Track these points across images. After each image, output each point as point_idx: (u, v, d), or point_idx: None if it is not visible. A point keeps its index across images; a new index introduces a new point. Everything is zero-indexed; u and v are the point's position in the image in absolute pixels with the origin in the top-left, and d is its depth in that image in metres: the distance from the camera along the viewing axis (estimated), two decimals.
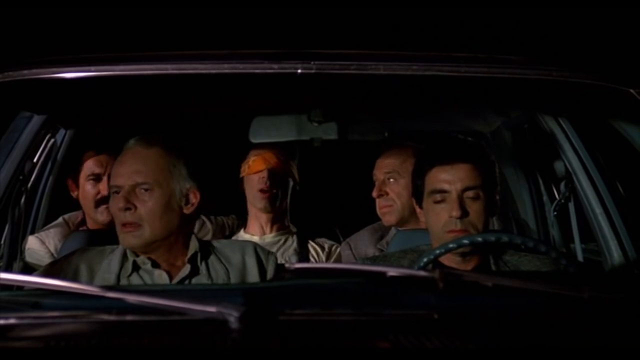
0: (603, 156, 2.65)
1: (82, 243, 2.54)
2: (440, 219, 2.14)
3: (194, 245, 2.20)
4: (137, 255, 2.17)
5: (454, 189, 2.13)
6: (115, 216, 2.17)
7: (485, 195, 2.15)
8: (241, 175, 3.02)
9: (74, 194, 2.95)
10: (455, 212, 2.10)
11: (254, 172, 2.94)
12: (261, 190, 2.93)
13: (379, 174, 2.87)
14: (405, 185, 2.69)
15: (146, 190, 2.13)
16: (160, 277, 2.15)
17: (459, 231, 2.11)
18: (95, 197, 2.86)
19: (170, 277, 2.16)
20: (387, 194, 2.84)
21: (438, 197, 2.15)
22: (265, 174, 2.93)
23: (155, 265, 2.16)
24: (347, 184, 3.54)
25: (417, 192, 2.24)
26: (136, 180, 2.14)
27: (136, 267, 2.16)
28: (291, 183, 3.01)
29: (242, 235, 3.03)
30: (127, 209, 2.11)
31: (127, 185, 2.13)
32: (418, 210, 2.27)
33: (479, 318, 1.45)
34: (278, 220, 3.01)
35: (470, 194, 2.13)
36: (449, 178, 2.14)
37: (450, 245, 2.01)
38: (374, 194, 2.85)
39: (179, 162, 2.19)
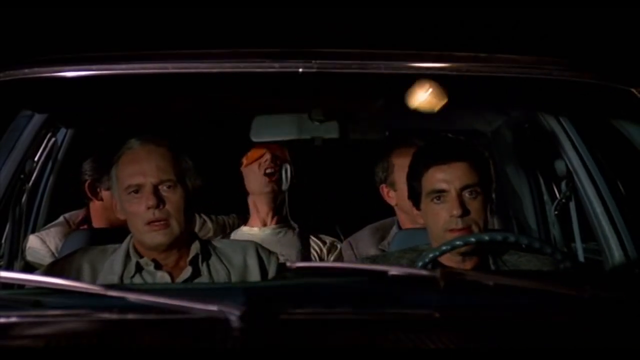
0: (604, 155, 2.65)
1: (82, 242, 2.53)
2: (440, 219, 2.14)
3: (195, 246, 2.20)
4: (141, 257, 2.16)
5: (452, 187, 2.12)
6: (135, 215, 2.13)
7: (483, 193, 2.15)
8: (242, 171, 3.01)
9: (93, 201, 2.91)
10: (456, 211, 2.10)
11: (256, 158, 2.96)
12: (267, 174, 2.96)
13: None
14: None
15: (169, 187, 2.13)
16: (163, 278, 2.14)
17: (461, 230, 2.10)
18: None
19: (172, 279, 2.15)
20: None
21: (437, 197, 2.15)
22: (268, 156, 2.97)
23: (157, 266, 2.16)
24: (348, 182, 3.54)
25: (414, 194, 2.23)
26: (161, 177, 2.13)
27: (139, 268, 2.16)
28: (289, 169, 3.01)
29: (242, 228, 3.03)
30: (156, 206, 2.10)
31: (150, 183, 2.12)
32: (415, 212, 2.27)
33: (480, 317, 1.45)
34: (278, 211, 3.02)
35: (469, 192, 2.13)
36: (447, 177, 2.13)
37: (457, 242, 2.01)
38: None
39: (187, 159, 2.21)
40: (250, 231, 2.98)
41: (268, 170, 2.96)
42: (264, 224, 3.00)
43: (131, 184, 2.14)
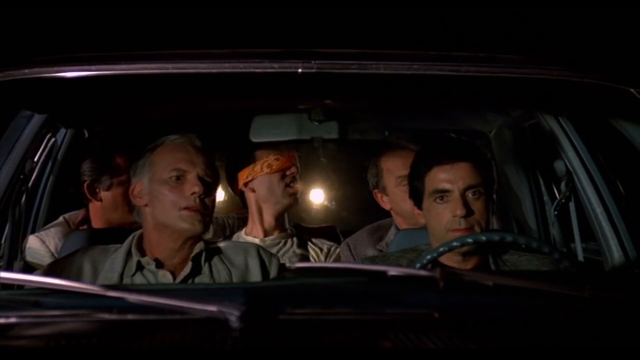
0: (603, 155, 2.65)
1: (82, 242, 2.54)
2: (442, 219, 2.14)
3: (199, 245, 2.20)
4: (142, 255, 2.18)
5: (456, 187, 2.12)
6: (170, 200, 2.16)
7: (486, 193, 2.15)
8: (254, 177, 2.94)
9: (92, 202, 2.89)
10: (460, 211, 2.10)
11: (283, 168, 2.91)
12: (290, 186, 2.92)
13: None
14: None
15: (207, 182, 2.19)
16: (164, 276, 2.15)
17: (464, 230, 2.10)
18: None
19: (174, 277, 2.16)
20: None
21: (440, 197, 2.15)
22: (294, 169, 2.93)
23: (159, 264, 2.17)
24: (347, 183, 3.54)
25: (416, 193, 2.23)
26: (207, 171, 2.20)
27: (140, 267, 2.16)
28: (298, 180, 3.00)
29: (243, 237, 3.01)
30: (200, 194, 2.15)
31: (197, 173, 2.18)
32: (417, 211, 2.26)
33: (480, 317, 1.45)
34: (279, 222, 3.00)
35: (472, 192, 2.13)
36: (450, 177, 2.13)
37: (454, 244, 2.01)
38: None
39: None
40: (252, 241, 2.95)
41: (292, 184, 2.94)
42: (265, 234, 2.96)
43: (177, 168, 2.18)
